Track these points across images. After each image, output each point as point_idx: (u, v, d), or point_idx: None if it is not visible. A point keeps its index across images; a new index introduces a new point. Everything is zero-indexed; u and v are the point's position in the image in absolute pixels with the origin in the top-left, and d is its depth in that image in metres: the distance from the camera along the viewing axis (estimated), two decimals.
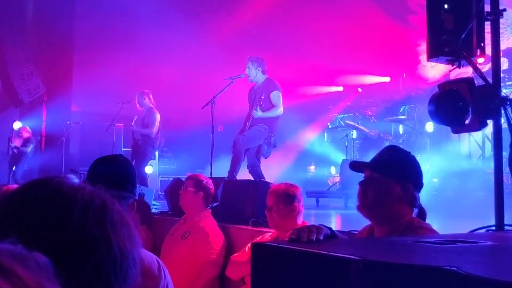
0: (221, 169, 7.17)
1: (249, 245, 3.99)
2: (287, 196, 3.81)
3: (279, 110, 6.90)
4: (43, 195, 0.84)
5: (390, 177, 2.35)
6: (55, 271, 0.61)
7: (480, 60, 3.55)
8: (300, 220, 3.82)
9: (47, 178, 0.88)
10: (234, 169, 6.67)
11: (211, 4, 12.72)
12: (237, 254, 4.13)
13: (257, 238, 4.00)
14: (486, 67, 6.01)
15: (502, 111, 3.40)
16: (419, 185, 2.43)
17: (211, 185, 4.76)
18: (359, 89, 12.86)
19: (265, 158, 6.94)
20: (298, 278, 1.34)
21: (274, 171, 7.46)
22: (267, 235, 4.01)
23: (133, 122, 8.39)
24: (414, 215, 2.40)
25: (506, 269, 1.18)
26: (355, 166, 2.49)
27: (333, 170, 11.73)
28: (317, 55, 12.11)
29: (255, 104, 6.74)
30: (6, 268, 0.55)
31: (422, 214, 2.44)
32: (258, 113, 6.74)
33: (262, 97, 6.74)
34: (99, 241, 0.81)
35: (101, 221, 0.83)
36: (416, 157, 2.52)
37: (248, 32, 11.96)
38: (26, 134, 11.52)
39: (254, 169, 6.82)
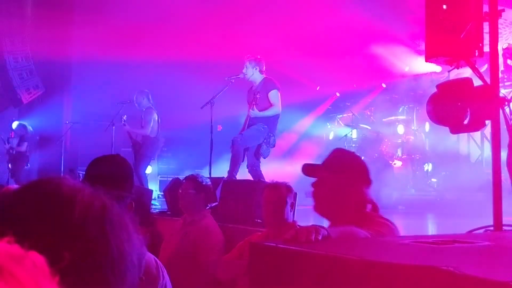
0: (220, 169, 7.16)
1: (238, 245, 4.01)
2: (285, 193, 3.84)
3: (277, 109, 6.88)
4: (43, 195, 0.84)
5: (341, 176, 2.47)
6: (52, 270, 0.61)
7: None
8: (291, 218, 3.85)
9: (47, 179, 0.89)
10: (233, 169, 6.67)
11: (212, 4, 12.71)
12: (226, 255, 4.13)
13: (246, 238, 4.01)
14: (483, 67, 6.00)
15: (500, 111, 3.41)
16: (367, 181, 2.53)
17: (210, 184, 4.75)
18: (354, 85, 12.84)
19: (264, 158, 6.93)
20: (296, 278, 1.35)
21: (273, 171, 7.45)
22: (257, 234, 4.02)
23: (123, 122, 8.36)
24: (367, 210, 2.49)
25: (503, 269, 1.18)
26: (309, 170, 2.58)
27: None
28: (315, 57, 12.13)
29: (251, 103, 6.75)
30: (2, 268, 0.55)
31: (374, 208, 2.54)
32: (255, 112, 6.74)
33: (258, 96, 6.75)
34: (98, 242, 0.81)
35: (100, 222, 0.83)
36: (361, 157, 2.70)
37: (248, 32, 11.96)
38: (20, 133, 11.48)
39: (254, 169, 6.81)
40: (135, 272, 0.86)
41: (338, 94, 13.18)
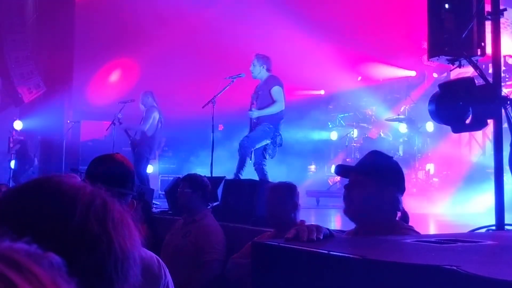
0: (221, 168, 7.16)
1: (247, 245, 4.00)
2: (288, 194, 3.82)
3: (279, 105, 6.79)
4: (43, 194, 0.84)
5: (374, 180, 2.39)
6: (69, 271, 0.62)
7: None
8: (298, 218, 3.83)
9: (47, 177, 0.88)
10: (239, 170, 6.65)
11: (212, 4, 12.72)
12: (236, 254, 4.12)
13: (256, 238, 3.99)
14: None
15: (503, 111, 3.40)
16: (402, 188, 2.44)
17: (207, 183, 4.73)
18: (359, 78, 12.86)
19: (271, 157, 6.91)
20: (298, 277, 1.34)
21: (274, 170, 7.45)
22: (266, 233, 4.01)
23: (119, 120, 8.36)
24: (397, 218, 2.42)
25: (506, 268, 1.18)
26: (341, 170, 2.53)
27: (333, 169, 11.66)
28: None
29: (251, 104, 6.75)
30: (23, 266, 0.55)
31: (405, 217, 2.46)
32: (254, 114, 6.75)
33: (260, 93, 6.75)
34: (100, 240, 0.81)
35: (102, 220, 0.83)
36: (398, 162, 2.57)
37: (251, 28, 11.96)
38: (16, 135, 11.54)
39: (260, 167, 6.81)
40: (137, 270, 0.86)
41: (322, 92, 13.29)
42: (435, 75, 10.77)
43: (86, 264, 0.79)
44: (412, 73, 11.63)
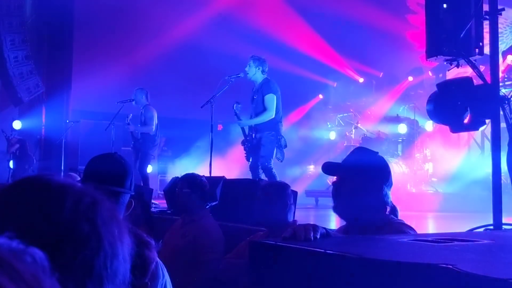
0: (221, 168, 7.16)
1: (241, 244, 4.01)
2: (279, 193, 3.82)
3: (269, 114, 6.72)
4: (33, 191, 0.84)
5: (361, 176, 2.41)
6: (52, 266, 0.62)
7: None
8: (291, 218, 3.83)
9: (37, 175, 0.89)
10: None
11: (213, 4, 12.72)
12: (229, 254, 4.12)
13: (248, 237, 4.00)
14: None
15: (500, 110, 3.41)
16: (389, 183, 2.46)
17: (205, 182, 4.72)
18: (361, 79, 12.87)
19: (281, 161, 6.92)
20: (295, 276, 1.35)
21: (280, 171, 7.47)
22: (259, 233, 4.02)
23: (128, 120, 8.36)
24: (387, 212, 2.43)
25: (501, 266, 1.18)
26: (328, 168, 2.54)
27: None
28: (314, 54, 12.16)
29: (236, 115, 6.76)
30: (3, 262, 0.55)
31: (394, 211, 2.48)
32: (242, 123, 6.77)
33: (255, 97, 6.79)
34: (90, 238, 0.82)
35: (92, 217, 0.83)
36: (384, 158, 2.60)
37: (249, 30, 11.97)
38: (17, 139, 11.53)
39: (258, 169, 6.83)
40: (127, 268, 0.87)
41: (321, 96, 13.26)
42: (430, 73, 10.78)
43: (75, 260, 0.79)
44: (410, 79, 11.67)
